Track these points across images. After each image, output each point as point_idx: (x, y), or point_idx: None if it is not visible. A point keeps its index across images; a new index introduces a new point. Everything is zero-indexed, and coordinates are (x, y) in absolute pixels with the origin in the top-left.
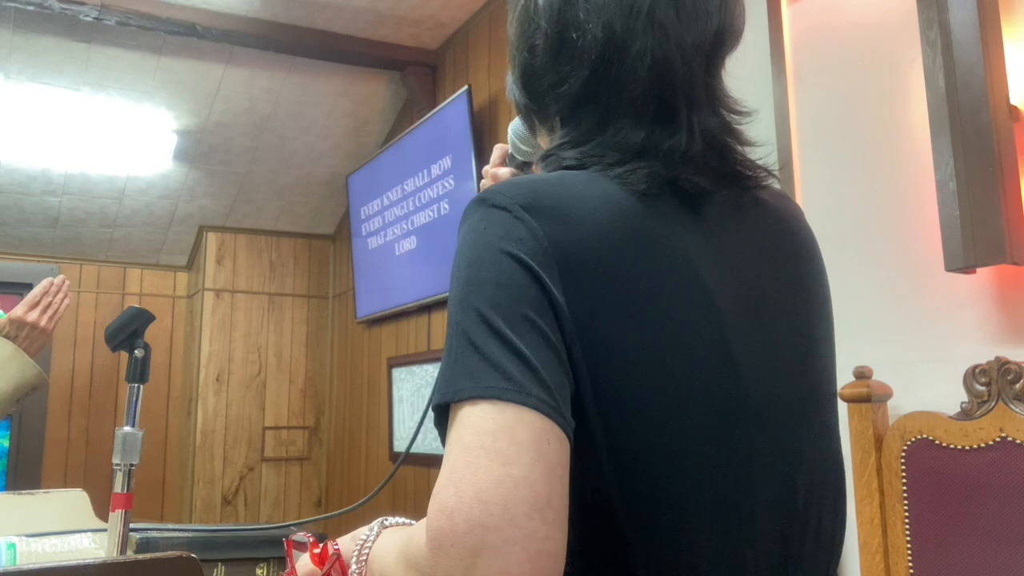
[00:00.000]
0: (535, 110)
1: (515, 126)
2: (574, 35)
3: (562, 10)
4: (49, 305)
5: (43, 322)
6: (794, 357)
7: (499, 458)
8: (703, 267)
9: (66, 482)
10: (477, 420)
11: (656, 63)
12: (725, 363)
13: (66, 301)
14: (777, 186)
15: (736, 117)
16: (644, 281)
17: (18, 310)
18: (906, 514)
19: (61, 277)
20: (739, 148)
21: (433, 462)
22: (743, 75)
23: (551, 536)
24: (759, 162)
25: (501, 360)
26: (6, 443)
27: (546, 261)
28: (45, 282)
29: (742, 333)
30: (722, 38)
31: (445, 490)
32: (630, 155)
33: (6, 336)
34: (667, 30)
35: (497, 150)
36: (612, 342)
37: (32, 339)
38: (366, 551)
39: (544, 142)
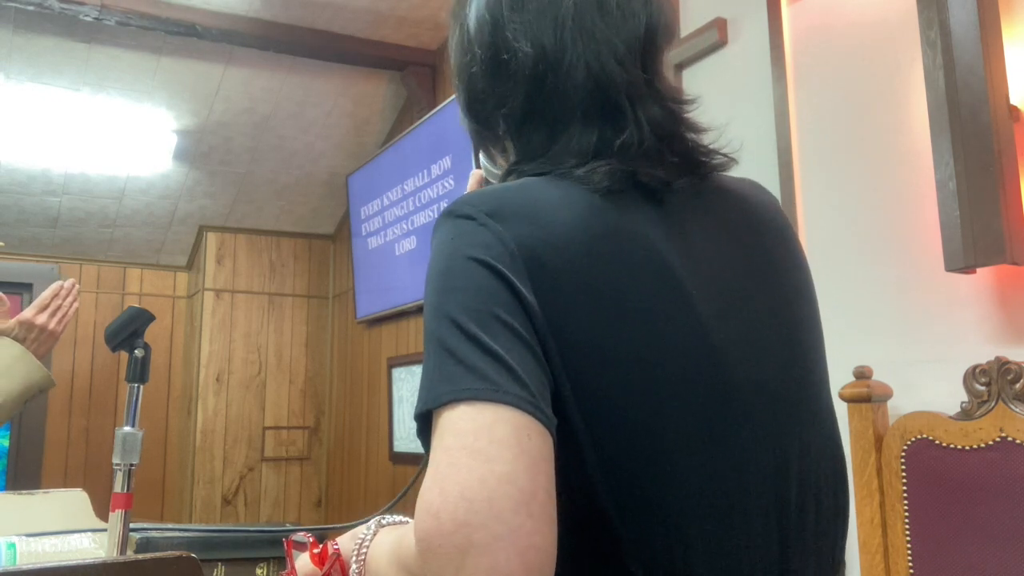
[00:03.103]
0: (485, 134)
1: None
2: (506, 56)
3: (492, 34)
4: (59, 308)
5: (52, 325)
6: (777, 341)
7: (480, 456)
8: (671, 258)
9: (66, 482)
10: (456, 422)
11: (591, 68)
12: (706, 351)
13: (75, 305)
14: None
15: (681, 106)
16: (614, 276)
17: (27, 312)
18: (906, 514)
19: (71, 281)
20: (689, 135)
21: None
22: (743, 75)
23: (539, 530)
24: (712, 146)
25: (476, 362)
26: (6, 443)
27: (514, 264)
28: (55, 285)
29: (720, 322)
30: (653, 35)
31: (430, 491)
32: (588, 157)
33: (15, 338)
34: (595, 35)
35: (473, 177)
36: (587, 338)
37: (40, 342)
38: (364, 550)
39: (501, 165)
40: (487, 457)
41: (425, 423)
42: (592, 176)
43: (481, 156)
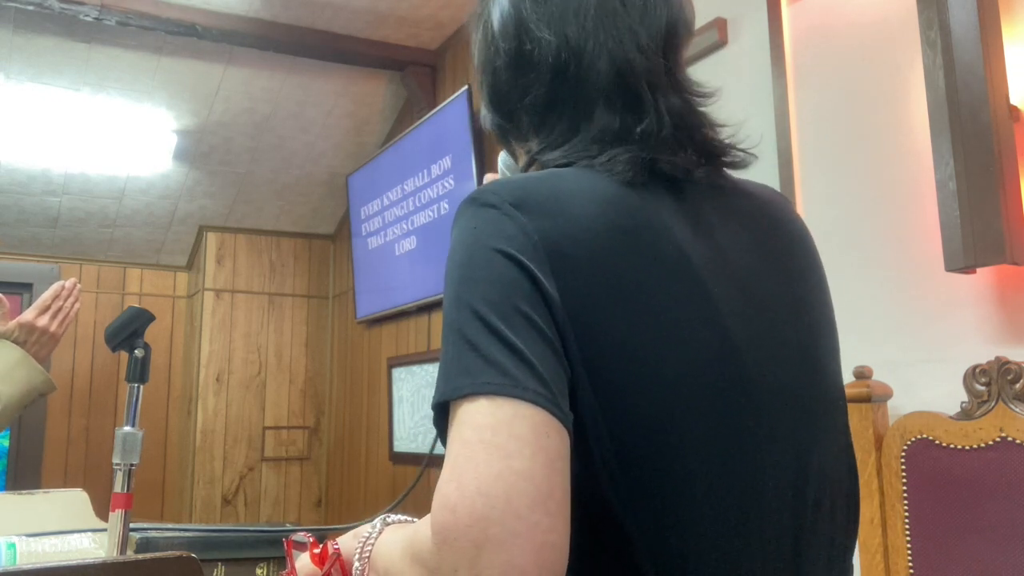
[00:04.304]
0: (509, 128)
1: (505, 156)
2: (530, 46)
3: (516, 26)
4: (60, 309)
5: (53, 327)
6: (795, 345)
7: (499, 452)
8: (695, 256)
9: (66, 482)
10: (475, 416)
11: (614, 56)
12: (725, 350)
13: (76, 305)
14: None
15: (699, 99)
16: (637, 271)
17: (28, 314)
18: (906, 514)
19: (72, 281)
20: (707, 130)
21: (434, 462)
22: (743, 75)
23: (554, 528)
24: (729, 141)
25: (497, 356)
26: (6, 443)
27: (537, 256)
28: (56, 286)
29: (740, 321)
30: (674, 27)
31: (447, 485)
32: (608, 144)
33: (15, 341)
34: (618, 24)
35: (488, 179)
36: (607, 333)
37: (41, 344)
38: (369, 548)
39: (522, 161)
40: (506, 453)
41: (442, 413)
42: (615, 166)
43: (500, 159)
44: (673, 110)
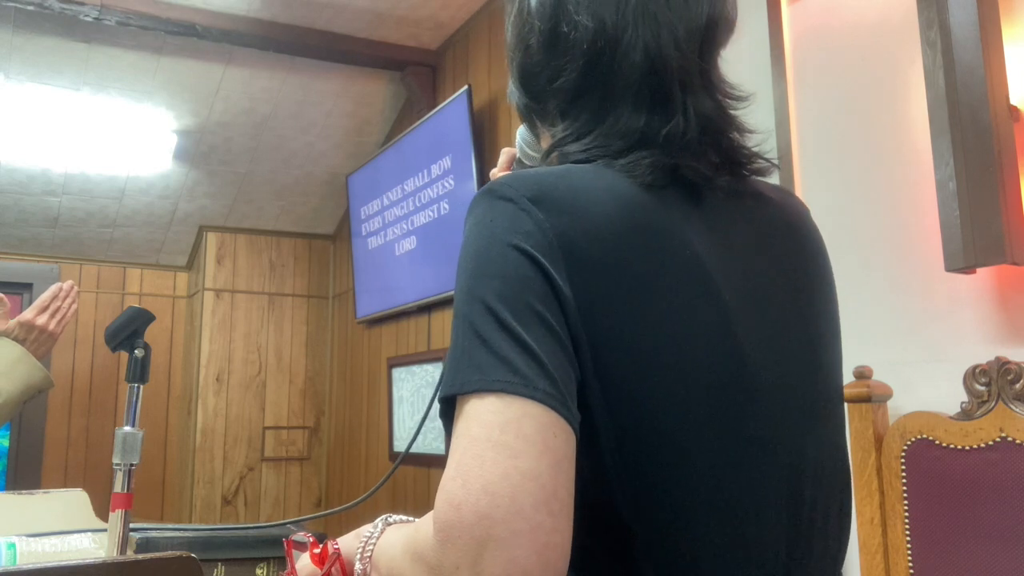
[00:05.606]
0: (535, 108)
1: (523, 131)
2: (566, 29)
3: (554, 7)
4: (58, 310)
5: (51, 326)
6: (800, 351)
7: (506, 451)
8: (708, 260)
9: (66, 482)
10: (484, 413)
11: (649, 50)
12: (732, 354)
13: (74, 306)
14: (776, 173)
15: (732, 102)
16: (650, 273)
17: (28, 314)
18: (906, 514)
19: (70, 283)
20: (735, 135)
21: (433, 462)
22: (743, 75)
23: (557, 528)
24: (755, 149)
25: (508, 353)
26: (6, 443)
27: (552, 253)
28: (55, 287)
29: (748, 326)
30: (714, 25)
31: (452, 482)
32: (633, 143)
33: (15, 339)
34: (658, 18)
35: (504, 154)
36: (618, 334)
37: (40, 343)
38: (370, 547)
39: (546, 143)
40: (512, 452)
41: (449, 406)
42: (635, 168)
43: (519, 133)
44: (702, 112)
